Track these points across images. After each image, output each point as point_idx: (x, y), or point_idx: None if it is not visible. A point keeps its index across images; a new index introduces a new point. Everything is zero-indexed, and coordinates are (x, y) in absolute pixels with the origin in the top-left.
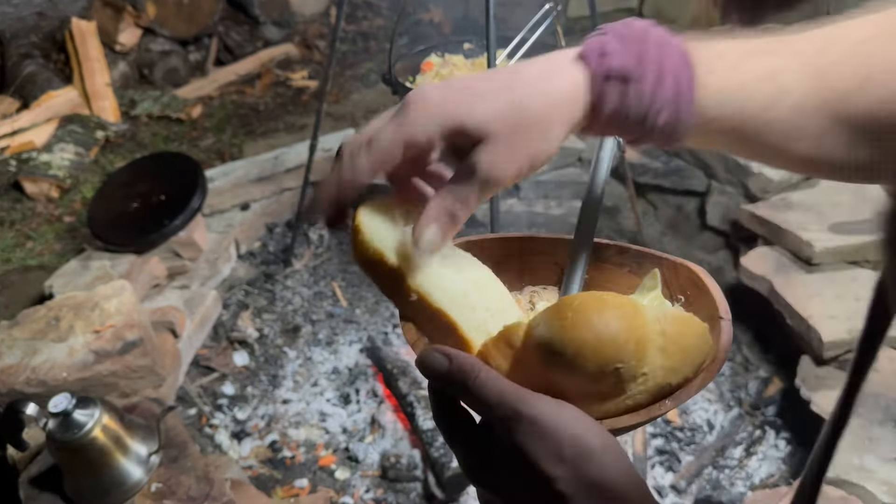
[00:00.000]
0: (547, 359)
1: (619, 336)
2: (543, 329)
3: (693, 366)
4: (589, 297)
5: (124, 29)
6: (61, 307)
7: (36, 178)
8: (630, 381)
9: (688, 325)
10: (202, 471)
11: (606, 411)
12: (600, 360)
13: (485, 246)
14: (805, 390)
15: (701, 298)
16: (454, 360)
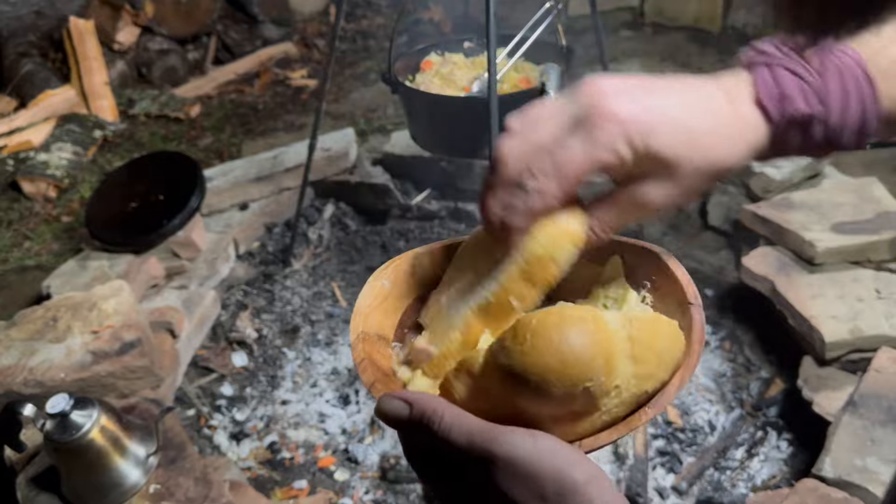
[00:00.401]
0: (510, 387)
1: (584, 354)
2: (502, 356)
3: (668, 368)
4: (545, 315)
5: (122, 28)
6: (59, 307)
7: (34, 178)
8: (603, 397)
9: (656, 327)
10: (201, 472)
11: (583, 431)
12: (567, 382)
13: (435, 255)
14: (807, 391)
15: (668, 284)
16: (415, 404)
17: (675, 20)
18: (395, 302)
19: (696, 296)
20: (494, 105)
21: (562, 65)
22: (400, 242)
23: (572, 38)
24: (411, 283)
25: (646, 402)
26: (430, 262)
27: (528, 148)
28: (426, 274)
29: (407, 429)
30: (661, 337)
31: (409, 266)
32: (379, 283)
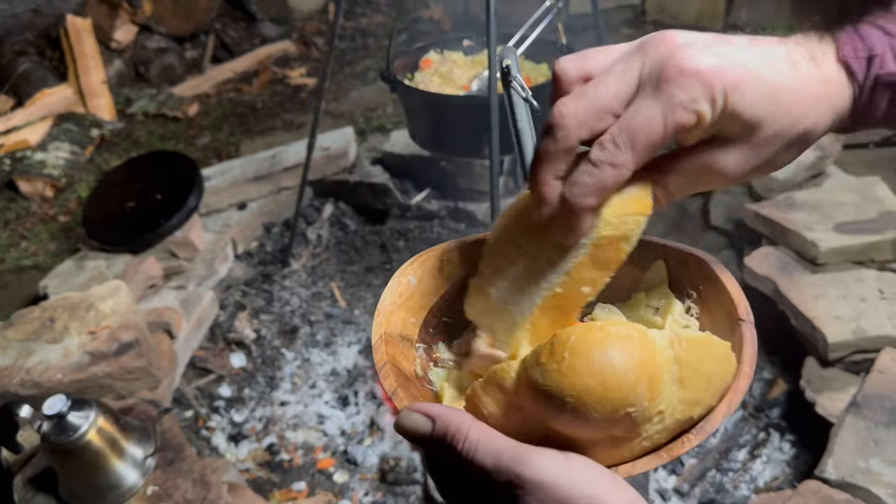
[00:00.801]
0: (544, 407)
1: (627, 377)
2: (537, 374)
3: (717, 393)
4: (586, 330)
5: (120, 26)
6: (56, 308)
7: (30, 177)
8: (645, 423)
9: (706, 349)
10: (199, 474)
11: (620, 457)
12: (607, 407)
13: (465, 249)
14: (810, 392)
15: (715, 295)
16: (438, 420)
17: (677, 18)
18: (421, 300)
19: (749, 312)
20: (494, 104)
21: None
22: (399, 242)
23: (573, 37)
24: (438, 279)
25: (690, 428)
26: (460, 258)
27: (592, 109)
28: (455, 270)
29: (429, 446)
30: (710, 360)
31: (437, 261)
32: (405, 280)
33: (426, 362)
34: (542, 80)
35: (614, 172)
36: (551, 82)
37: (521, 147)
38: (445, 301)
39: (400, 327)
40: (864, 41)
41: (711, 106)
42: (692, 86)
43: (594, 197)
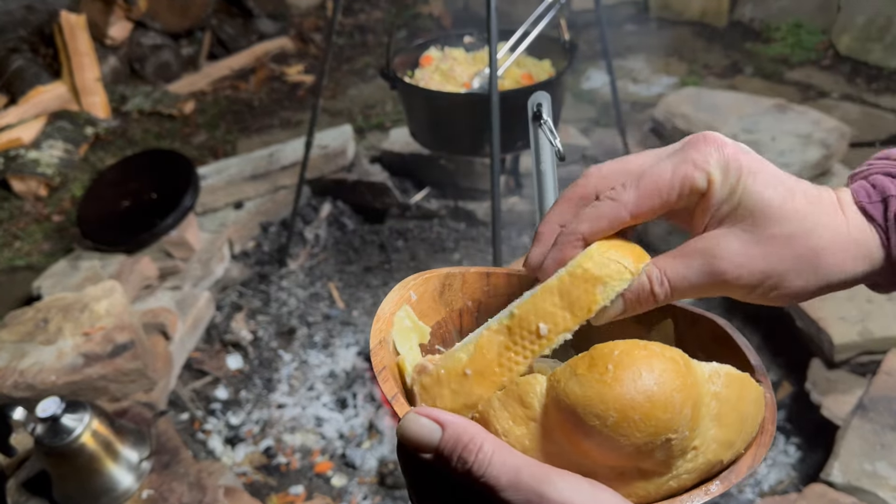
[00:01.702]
0: (578, 424)
1: (675, 399)
2: (576, 386)
3: (746, 439)
4: (630, 345)
5: (115, 22)
6: (50, 309)
7: (24, 176)
8: (679, 457)
9: (745, 388)
10: (195, 477)
11: (646, 495)
12: (651, 428)
13: (467, 280)
14: (815, 394)
15: (728, 355)
16: (449, 427)
17: (681, 14)
18: (419, 318)
19: (763, 370)
20: (496, 101)
21: (565, 60)
22: (399, 242)
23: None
24: (438, 303)
25: (714, 476)
26: (461, 287)
27: (618, 170)
28: (455, 297)
29: (436, 457)
30: (748, 401)
31: (440, 284)
32: (406, 293)
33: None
34: (545, 76)
35: (612, 206)
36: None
37: (541, 190)
38: (440, 328)
39: (396, 338)
40: (876, 187)
41: (723, 174)
42: (710, 151)
43: (587, 223)
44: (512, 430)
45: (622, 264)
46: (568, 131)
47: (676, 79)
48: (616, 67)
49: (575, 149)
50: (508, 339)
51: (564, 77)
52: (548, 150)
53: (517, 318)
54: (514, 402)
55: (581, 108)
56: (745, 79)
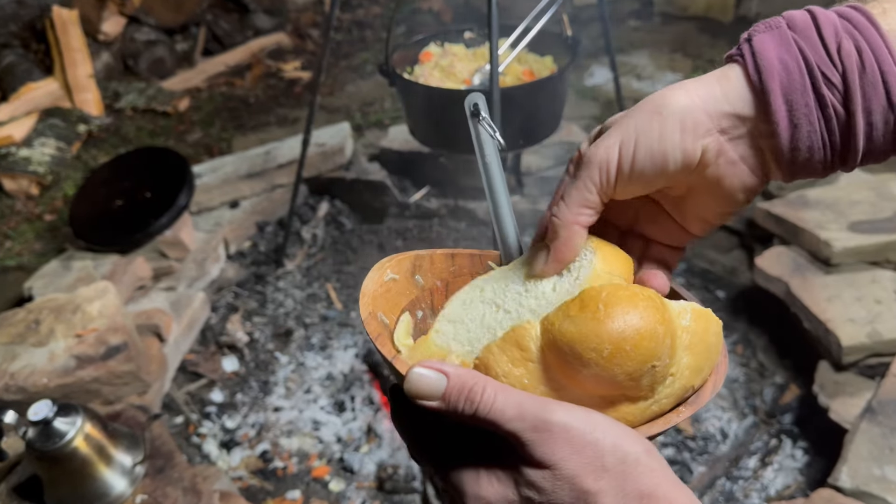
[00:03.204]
0: (576, 359)
1: (658, 329)
2: (570, 325)
3: (710, 367)
4: (615, 287)
5: (108, 17)
6: (41, 310)
7: (15, 175)
8: (660, 383)
9: (709, 321)
10: (189, 482)
11: (632, 420)
12: (640, 356)
13: (435, 261)
14: (823, 397)
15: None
16: (452, 376)
17: (686, 10)
18: (396, 297)
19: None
20: (497, 98)
21: (567, 56)
22: (398, 242)
23: (578, 29)
24: (411, 283)
25: (684, 401)
26: (430, 268)
27: None
28: (424, 277)
29: (444, 404)
30: (710, 332)
31: (411, 265)
32: (384, 272)
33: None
34: (546, 73)
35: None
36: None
37: (490, 181)
38: (417, 303)
39: (381, 312)
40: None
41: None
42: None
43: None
44: (511, 372)
45: (618, 271)
46: (570, 129)
47: (681, 75)
48: (619, 63)
49: (574, 146)
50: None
51: (567, 73)
52: (489, 143)
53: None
54: (511, 346)
55: (584, 106)
56: None
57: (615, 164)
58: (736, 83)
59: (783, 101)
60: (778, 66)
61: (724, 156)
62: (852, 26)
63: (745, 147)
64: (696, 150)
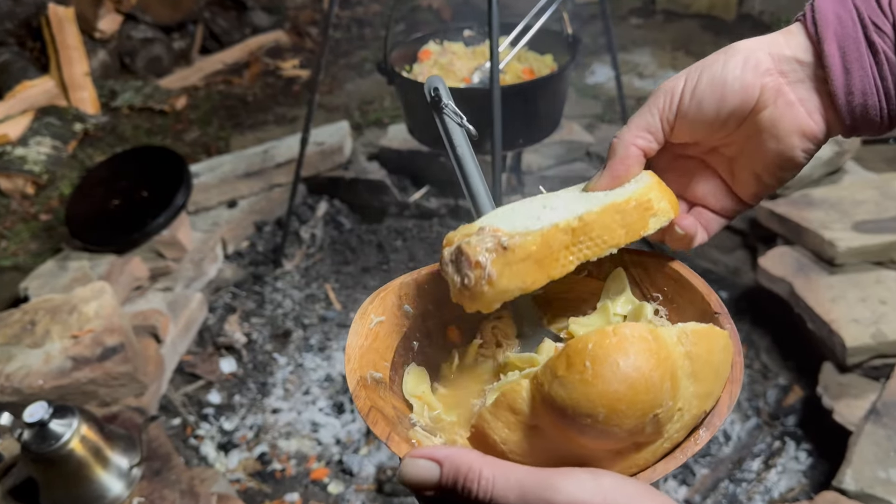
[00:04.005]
0: (570, 424)
1: (653, 377)
2: (560, 389)
3: (723, 383)
4: (601, 336)
5: (104, 15)
6: (37, 310)
7: (10, 174)
8: (668, 423)
9: (711, 340)
10: (187, 484)
11: (644, 462)
12: (638, 411)
13: (420, 283)
14: (827, 399)
15: (683, 293)
16: (446, 462)
17: (688, 7)
18: (386, 339)
19: (721, 304)
20: (497, 97)
21: (568, 54)
22: (397, 242)
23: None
24: (399, 316)
25: (700, 423)
26: (416, 293)
27: None
28: (413, 304)
29: (440, 493)
30: (716, 350)
31: (396, 298)
32: (368, 320)
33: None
34: (547, 71)
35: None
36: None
37: (463, 171)
38: (407, 339)
39: (372, 369)
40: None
41: None
42: None
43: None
44: (510, 438)
45: (668, 204)
46: (572, 128)
47: None
48: (621, 62)
49: (579, 145)
50: (570, 239)
51: (567, 72)
52: (458, 133)
53: (583, 224)
54: (504, 411)
55: (585, 104)
56: None
57: (679, 91)
58: (797, 34)
59: (837, 48)
60: (833, 18)
61: (783, 97)
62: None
63: (804, 90)
64: (756, 85)
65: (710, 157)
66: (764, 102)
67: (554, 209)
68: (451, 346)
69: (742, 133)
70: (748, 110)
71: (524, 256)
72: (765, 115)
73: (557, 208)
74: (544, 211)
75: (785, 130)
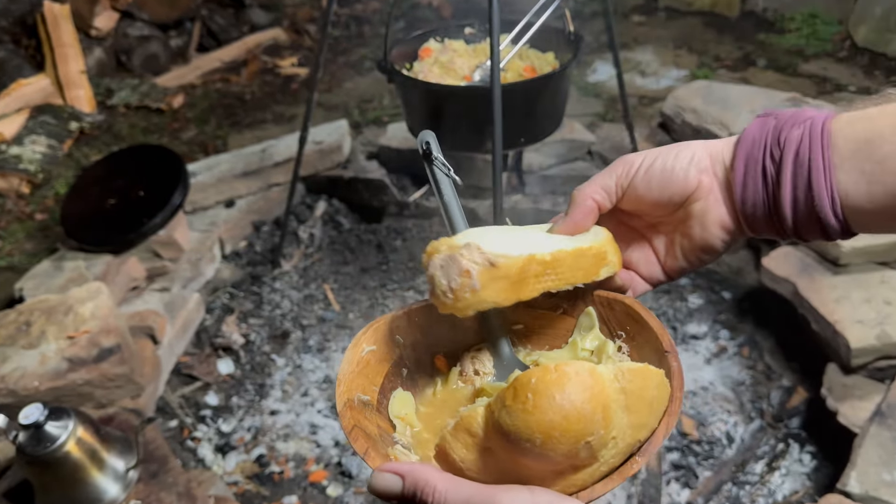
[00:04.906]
0: (514, 447)
1: (585, 409)
2: (506, 416)
3: (657, 416)
4: (543, 372)
5: (100, 12)
6: (32, 311)
7: (5, 173)
8: (601, 449)
9: (646, 377)
10: (184, 487)
11: (582, 482)
12: (571, 438)
13: (412, 317)
14: (831, 400)
15: (642, 332)
16: (407, 476)
17: (691, 4)
18: (377, 366)
19: (672, 343)
20: (497, 95)
21: (570, 52)
22: (396, 242)
23: (580, 24)
24: (390, 345)
25: (637, 450)
26: (408, 326)
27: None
28: (404, 335)
29: (401, 502)
30: (650, 386)
31: (388, 329)
32: (360, 349)
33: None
34: (548, 69)
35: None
36: None
37: (449, 218)
38: (396, 367)
39: (360, 392)
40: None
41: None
42: None
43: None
44: (467, 457)
45: (617, 259)
46: (573, 126)
47: (686, 71)
48: (623, 60)
49: (581, 144)
50: (541, 270)
51: (569, 70)
52: (446, 182)
53: (554, 260)
54: (462, 433)
55: (587, 103)
56: (757, 71)
57: (636, 166)
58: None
59: (742, 165)
60: (748, 141)
61: (713, 194)
62: (811, 123)
63: (727, 193)
64: (696, 180)
65: (648, 231)
66: (698, 195)
67: (527, 241)
68: (437, 373)
69: (677, 216)
70: (685, 198)
71: (504, 276)
72: (697, 206)
73: (530, 241)
74: (518, 241)
75: (710, 221)
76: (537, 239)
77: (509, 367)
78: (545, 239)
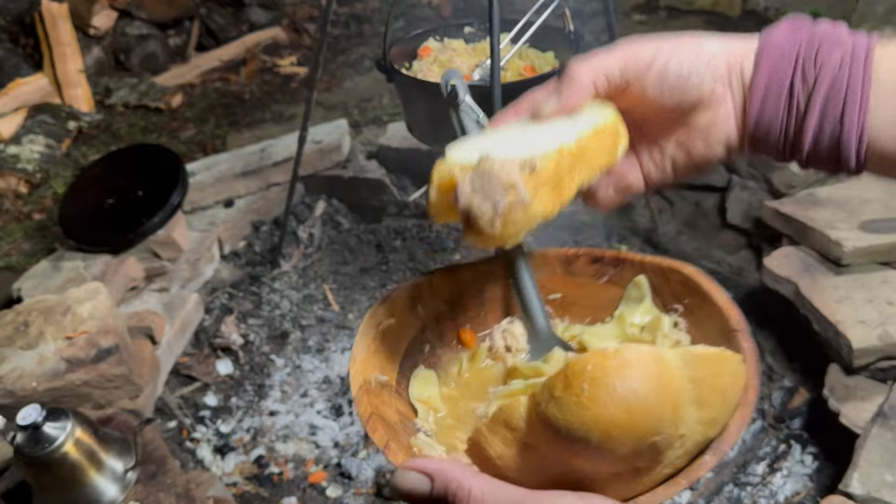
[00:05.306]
0: (564, 445)
1: (652, 403)
2: (555, 410)
3: (731, 409)
4: (601, 356)
5: (98, 11)
6: (30, 311)
7: (3, 173)
8: (667, 450)
9: (720, 364)
10: (183, 488)
11: (642, 487)
12: (634, 437)
13: (435, 283)
14: (833, 401)
15: (703, 307)
16: (436, 477)
17: (692, 3)
18: (396, 341)
19: (742, 320)
20: (497, 94)
21: (570, 52)
22: (396, 242)
23: (581, 23)
24: (411, 317)
25: (706, 448)
26: (430, 293)
27: None
28: (426, 305)
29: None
30: (724, 374)
31: (408, 299)
32: (375, 322)
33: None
34: (548, 68)
35: None
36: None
37: None
38: (423, 336)
39: (378, 372)
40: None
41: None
42: None
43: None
44: (505, 453)
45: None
46: None
47: None
48: None
49: None
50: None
51: None
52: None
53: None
54: (501, 426)
55: None
56: None
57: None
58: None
59: (765, 81)
60: (775, 53)
61: (724, 106)
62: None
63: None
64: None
65: (635, 133)
66: (707, 104)
67: (536, 135)
68: (462, 349)
69: (676, 124)
70: (694, 106)
71: (545, 180)
72: (703, 118)
73: (539, 134)
74: (525, 137)
75: (715, 138)
76: (544, 130)
77: (546, 344)
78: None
